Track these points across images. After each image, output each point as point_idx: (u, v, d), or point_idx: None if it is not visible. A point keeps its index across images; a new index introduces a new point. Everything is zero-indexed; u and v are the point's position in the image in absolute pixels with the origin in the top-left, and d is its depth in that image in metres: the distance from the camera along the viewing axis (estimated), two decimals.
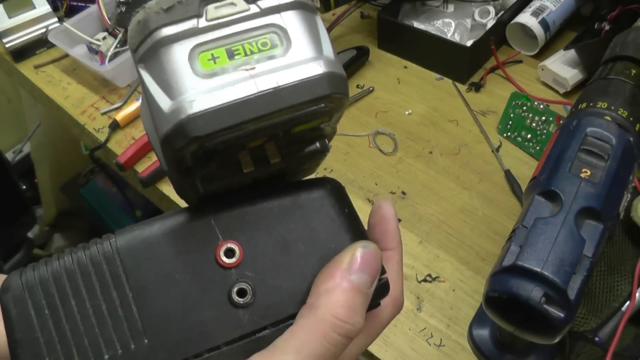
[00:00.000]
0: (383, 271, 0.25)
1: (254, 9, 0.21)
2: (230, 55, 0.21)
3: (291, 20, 0.22)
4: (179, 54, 0.21)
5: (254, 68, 0.20)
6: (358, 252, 0.24)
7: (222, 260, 0.23)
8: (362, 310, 0.23)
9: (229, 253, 0.24)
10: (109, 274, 0.23)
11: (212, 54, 0.21)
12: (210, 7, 0.21)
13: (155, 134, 0.22)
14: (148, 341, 0.22)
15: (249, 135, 0.21)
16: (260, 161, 0.24)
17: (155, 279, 0.23)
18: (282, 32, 0.22)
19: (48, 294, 0.22)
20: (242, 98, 0.20)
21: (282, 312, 0.23)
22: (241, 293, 0.23)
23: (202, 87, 0.20)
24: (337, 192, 0.27)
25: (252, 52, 0.21)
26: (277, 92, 0.20)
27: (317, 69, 0.21)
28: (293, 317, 0.23)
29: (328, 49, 0.22)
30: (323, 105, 0.21)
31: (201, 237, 0.24)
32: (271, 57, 0.21)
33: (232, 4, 0.21)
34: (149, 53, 0.21)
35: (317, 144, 0.27)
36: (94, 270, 0.23)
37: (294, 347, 0.22)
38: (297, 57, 0.21)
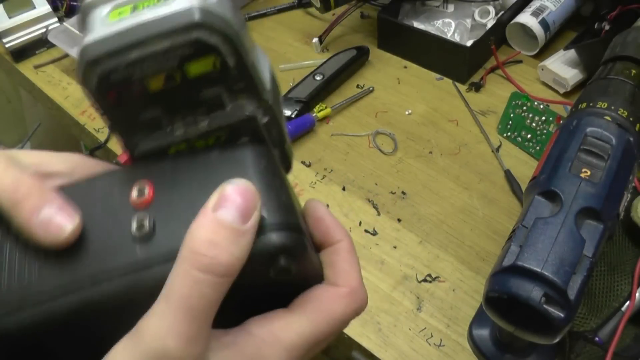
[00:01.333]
0: (290, 224, 0.25)
1: None
2: (134, 9, 0.25)
3: None
4: (99, 13, 0.26)
5: (141, 12, 0.25)
6: (225, 189, 0.23)
7: (132, 199, 0.26)
8: (230, 246, 0.22)
9: (140, 192, 0.26)
10: None
11: (119, 11, 0.26)
12: None
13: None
14: (51, 264, 0.25)
15: (136, 63, 0.25)
16: (188, 124, 0.27)
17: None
18: None
19: None
20: (123, 29, 0.24)
21: (173, 254, 0.24)
22: (140, 228, 0.25)
23: (99, 31, 0.25)
24: (264, 155, 0.29)
25: (149, 6, 0.25)
26: (151, 22, 0.24)
27: (188, 3, 0.25)
28: None
29: None
30: (196, 37, 0.25)
31: (122, 180, 0.27)
32: (159, 5, 0.25)
33: None
34: (84, 18, 0.26)
35: (247, 110, 0.28)
36: None
37: (162, 295, 0.22)
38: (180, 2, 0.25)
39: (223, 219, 0.22)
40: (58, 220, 0.24)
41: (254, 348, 0.24)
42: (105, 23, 0.25)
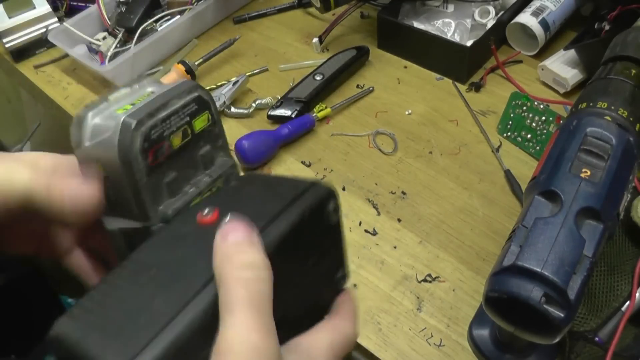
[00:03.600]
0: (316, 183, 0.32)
1: (135, 87, 0.33)
2: (133, 105, 0.31)
3: (158, 85, 0.34)
4: (104, 116, 0.31)
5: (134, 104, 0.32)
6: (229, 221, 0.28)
7: (203, 218, 0.30)
8: (253, 249, 0.27)
9: (208, 212, 0.30)
10: None
11: (123, 108, 0.31)
12: (110, 96, 0.32)
13: (113, 172, 0.30)
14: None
15: (165, 120, 0.31)
16: (197, 183, 0.34)
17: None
18: (155, 88, 0.33)
19: None
20: (146, 102, 0.31)
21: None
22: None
23: (123, 114, 0.30)
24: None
25: (143, 99, 0.32)
26: (165, 92, 0.32)
27: (185, 80, 0.33)
28: None
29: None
30: (198, 95, 0.33)
31: (183, 217, 0.32)
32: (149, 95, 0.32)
33: (121, 90, 0.33)
34: (87, 128, 0.31)
35: (229, 162, 0.36)
36: None
37: (223, 310, 0.26)
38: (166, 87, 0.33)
39: (240, 239, 0.27)
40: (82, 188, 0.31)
41: (306, 353, 0.29)
42: (118, 114, 0.30)
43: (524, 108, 0.69)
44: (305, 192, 0.30)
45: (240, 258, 0.26)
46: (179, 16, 0.87)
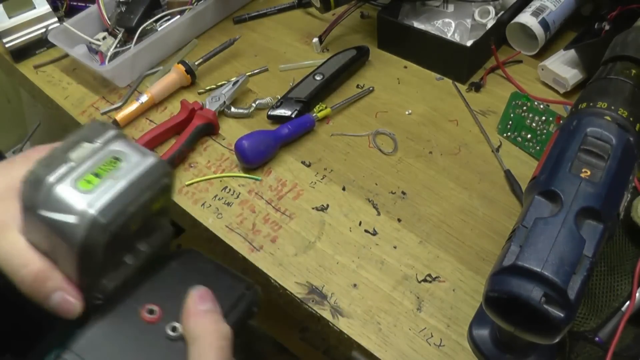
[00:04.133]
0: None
1: (97, 145, 0.32)
2: (97, 175, 0.31)
3: (120, 144, 0.33)
4: (66, 187, 0.30)
5: (112, 175, 0.31)
6: (199, 291, 0.34)
7: (147, 318, 0.33)
8: (222, 321, 0.34)
9: (151, 312, 0.33)
10: None
11: (87, 179, 0.30)
12: (71, 154, 0.31)
13: (66, 254, 0.30)
14: None
15: (134, 215, 0.31)
16: (137, 253, 0.34)
17: None
18: (119, 153, 0.32)
19: None
20: (117, 192, 0.30)
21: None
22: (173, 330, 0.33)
23: (90, 197, 0.30)
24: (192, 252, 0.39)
25: (110, 170, 0.31)
26: (136, 180, 0.31)
27: (150, 159, 0.33)
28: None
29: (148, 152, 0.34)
30: (167, 182, 0.33)
31: (126, 316, 0.33)
32: (120, 168, 0.32)
33: (82, 147, 0.32)
34: (45, 195, 0.30)
35: (167, 227, 0.36)
36: None
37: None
38: (134, 163, 0.32)
39: (210, 308, 0.33)
40: (67, 300, 0.32)
41: None
42: (83, 191, 0.30)
43: (524, 108, 0.69)
44: (242, 297, 0.36)
45: (216, 326, 0.32)
46: (179, 16, 0.87)
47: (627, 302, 0.51)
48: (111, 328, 0.33)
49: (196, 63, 0.80)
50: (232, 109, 0.76)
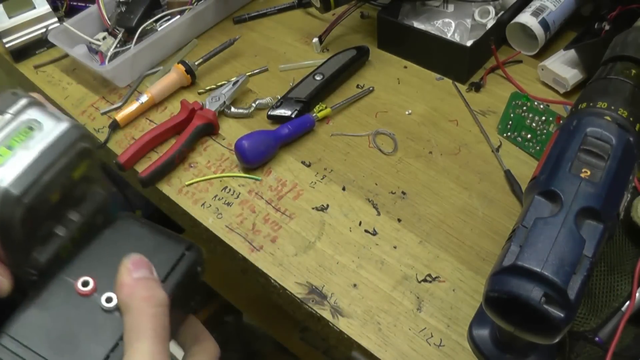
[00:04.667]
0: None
1: (8, 116, 0.31)
2: (10, 147, 0.30)
3: (34, 112, 0.31)
4: None
5: (24, 145, 0.30)
6: (132, 259, 0.33)
7: (82, 291, 0.32)
8: (158, 287, 0.33)
9: (85, 284, 0.33)
10: None
11: None
12: None
13: None
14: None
15: (51, 184, 0.30)
16: (67, 223, 0.33)
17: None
18: (32, 122, 0.31)
19: None
20: (29, 162, 0.29)
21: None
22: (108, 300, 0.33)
23: (1, 171, 0.29)
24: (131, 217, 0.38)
25: (23, 140, 0.30)
26: (49, 148, 0.30)
27: (64, 124, 0.32)
28: None
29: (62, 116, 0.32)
30: (83, 147, 0.32)
31: (60, 292, 0.33)
32: (34, 137, 0.30)
33: None
34: None
35: (100, 195, 0.35)
36: None
37: (134, 336, 0.31)
38: (47, 131, 0.31)
39: (144, 276, 0.33)
40: None
41: None
42: None
43: (524, 108, 0.69)
44: (182, 258, 0.35)
45: (149, 293, 0.32)
46: (179, 16, 0.87)
47: (627, 302, 0.51)
48: (46, 306, 0.32)
49: (196, 63, 0.80)
50: (232, 109, 0.76)
